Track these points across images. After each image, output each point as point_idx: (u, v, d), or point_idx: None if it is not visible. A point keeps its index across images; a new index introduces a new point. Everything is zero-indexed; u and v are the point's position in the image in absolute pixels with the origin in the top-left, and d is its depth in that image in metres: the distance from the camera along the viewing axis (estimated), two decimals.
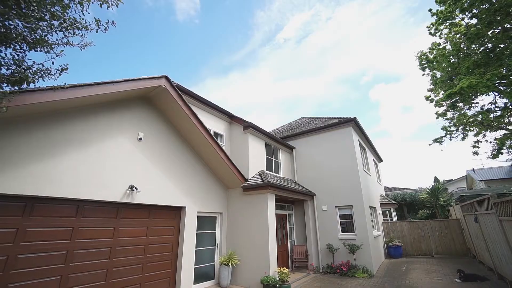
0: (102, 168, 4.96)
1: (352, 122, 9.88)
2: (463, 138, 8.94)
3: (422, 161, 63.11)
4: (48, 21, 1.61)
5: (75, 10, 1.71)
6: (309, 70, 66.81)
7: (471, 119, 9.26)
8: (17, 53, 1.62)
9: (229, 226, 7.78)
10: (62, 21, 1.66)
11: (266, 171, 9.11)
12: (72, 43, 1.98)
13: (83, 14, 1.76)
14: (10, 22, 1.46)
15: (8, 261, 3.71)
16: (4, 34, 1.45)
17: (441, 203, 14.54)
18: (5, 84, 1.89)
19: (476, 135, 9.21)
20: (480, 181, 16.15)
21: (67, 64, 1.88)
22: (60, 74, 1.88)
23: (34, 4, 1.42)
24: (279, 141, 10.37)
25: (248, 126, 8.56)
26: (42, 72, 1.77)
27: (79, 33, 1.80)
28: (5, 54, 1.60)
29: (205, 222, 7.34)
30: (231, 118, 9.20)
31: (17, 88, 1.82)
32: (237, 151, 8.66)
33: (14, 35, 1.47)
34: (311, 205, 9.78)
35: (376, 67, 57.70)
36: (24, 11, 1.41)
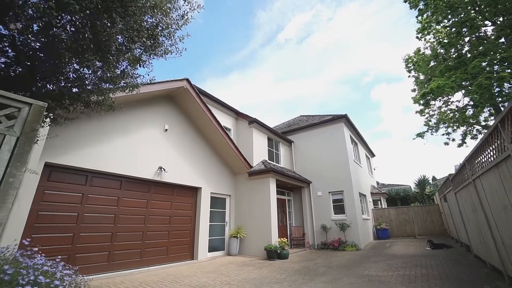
0: (138, 151, 6.25)
1: (344, 119, 11.18)
2: (437, 130, 10.25)
3: (422, 161, 64.35)
4: (158, 52, 2.86)
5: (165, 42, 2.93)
6: (310, 71, 67.95)
7: (449, 116, 10.59)
8: (130, 68, 2.88)
9: (237, 206, 9.06)
10: (162, 50, 2.89)
11: (268, 161, 10.39)
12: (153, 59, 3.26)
13: (173, 45, 2.95)
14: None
15: (78, 217, 4.99)
16: (132, 57, 2.71)
17: (427, 193, 15.90)
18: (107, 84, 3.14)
19: (454, 130, 10.54)
20: None
21: (154, 77, 3.11)
22: (150, 83, 3.12)
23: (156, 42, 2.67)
24: (279, 135, 11.66)
25: (253, 121, 9.85)
26: (143, 82, 3.00)
27: (167, 56, 3.02)
28: (124, 68, 2.86)
29: (217, 202, 8.62)
30: (237, 114, 10.49)
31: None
32: (243, 143, 9.95)
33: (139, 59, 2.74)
34: (308, 191, 11.07)
35: (378, 67, 58.14)
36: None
